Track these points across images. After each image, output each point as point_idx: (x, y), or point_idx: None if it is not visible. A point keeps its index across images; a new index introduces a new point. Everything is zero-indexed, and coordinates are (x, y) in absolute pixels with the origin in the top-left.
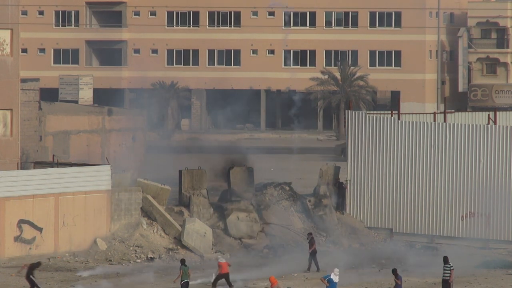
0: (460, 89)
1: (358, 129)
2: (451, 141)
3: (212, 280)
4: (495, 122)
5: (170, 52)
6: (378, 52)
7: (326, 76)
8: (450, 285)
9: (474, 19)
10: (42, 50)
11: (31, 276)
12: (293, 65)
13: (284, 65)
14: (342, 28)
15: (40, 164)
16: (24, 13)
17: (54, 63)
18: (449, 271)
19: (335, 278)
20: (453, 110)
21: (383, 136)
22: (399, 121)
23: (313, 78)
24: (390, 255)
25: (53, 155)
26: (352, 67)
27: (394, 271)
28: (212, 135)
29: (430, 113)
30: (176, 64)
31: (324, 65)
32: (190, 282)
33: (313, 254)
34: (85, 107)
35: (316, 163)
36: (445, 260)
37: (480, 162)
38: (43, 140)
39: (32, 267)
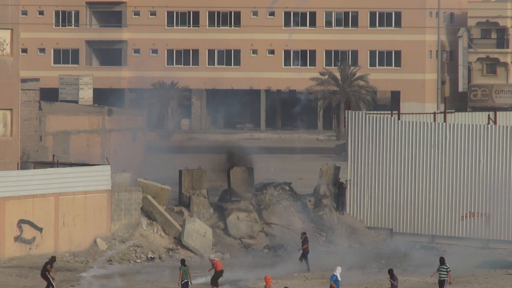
0: (460, 89)
1: (358, 129)
2: (451, 141)
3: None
4: (495, 122)
5: (170, 52)
6: (378, 52)
7: (326, 76)
8: (445, 284)
9: (474, 19)
10: (42, 50)
11: (46, 273)
12: (293, 65)
13: (284, 65)
14: (342, 28)
15: (40, 164)
16: (24, 13)
17: (54, 63)
18: (445, 272)
19: (338, 276)
20: (453, 110)
21: (383, 136)
22: (399, 121)
23: (313, 78)
24: (390, 255)
25: (53, 155)
26: (352, 67)
27: (390, 272)
28: (212, 135)
29: (430, 113)
30: (176, 64)
31: (324, 65)
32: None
33: (304, 253)
34: (85, 107)
35: (316, 163)
36: (442, 261)
37: (480, 162)
38: (43, 140)
39: (48, 264)
